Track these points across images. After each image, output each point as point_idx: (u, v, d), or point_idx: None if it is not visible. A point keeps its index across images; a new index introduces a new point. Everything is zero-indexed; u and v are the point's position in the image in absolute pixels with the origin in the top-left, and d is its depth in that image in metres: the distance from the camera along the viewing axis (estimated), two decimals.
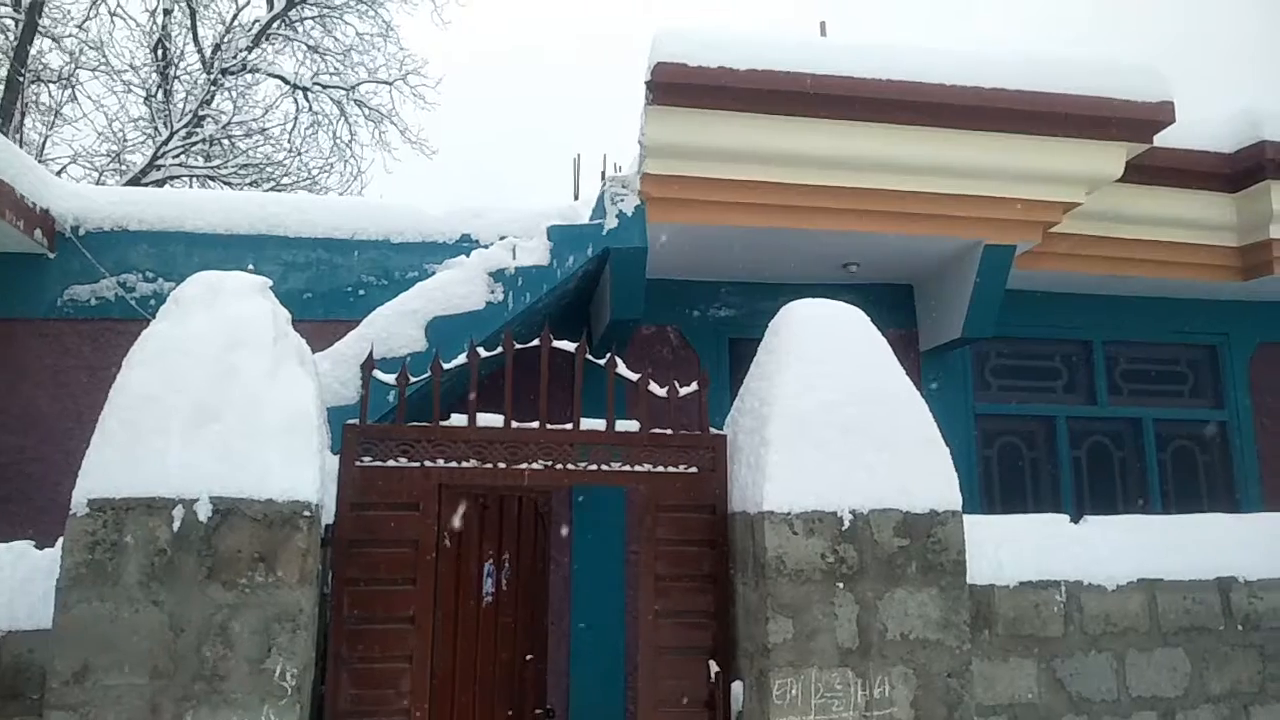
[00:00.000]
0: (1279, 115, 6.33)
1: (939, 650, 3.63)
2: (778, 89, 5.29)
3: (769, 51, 5.32)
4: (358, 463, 3.73)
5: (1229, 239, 6.68)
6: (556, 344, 3.98)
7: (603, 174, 6.70)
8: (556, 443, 3.90)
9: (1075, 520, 4.45)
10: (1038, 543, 4.21)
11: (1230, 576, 4.25)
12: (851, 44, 5.58)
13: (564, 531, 5.99)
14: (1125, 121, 5.62)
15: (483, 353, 3.94)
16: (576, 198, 7.99)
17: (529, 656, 4.23)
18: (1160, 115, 5.62)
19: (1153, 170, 6.18)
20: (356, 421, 3.81)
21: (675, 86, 5.24)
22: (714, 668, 3.79)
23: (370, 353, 4.00)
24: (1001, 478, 7.06)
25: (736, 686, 3.74)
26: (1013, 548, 4.14)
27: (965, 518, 3.86)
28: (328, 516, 3.61)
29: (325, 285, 6.68)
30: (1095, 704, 3.99)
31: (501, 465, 3.83)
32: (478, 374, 3.92)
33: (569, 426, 3.94)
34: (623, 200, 5.65)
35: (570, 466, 3.91)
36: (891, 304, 6.94)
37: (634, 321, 6.11)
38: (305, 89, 16.33)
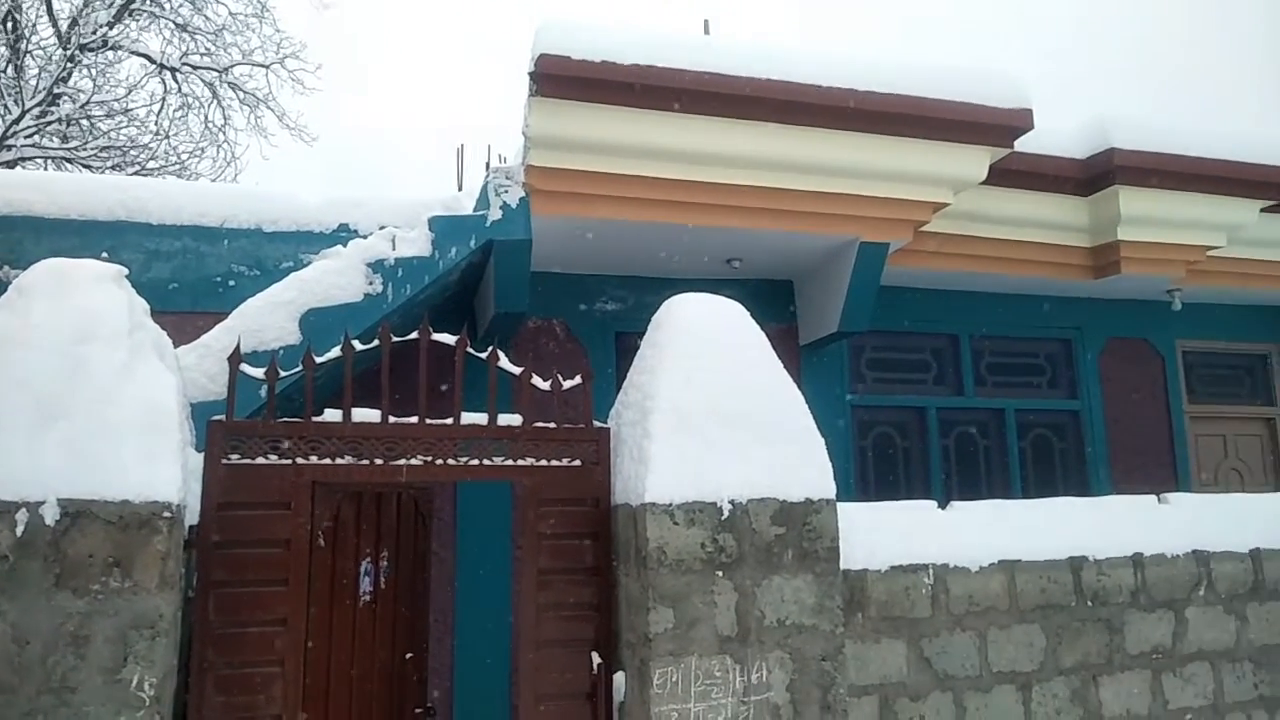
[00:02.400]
0: (1127, 124, 6.77)
1: (814, 635, 3.74)
2: (660, 85, 5.33)
3: (652, 47, 5.36)
4: (224, 461, 3.57)
5: (1082, 240, 7.12)
6: (436, 337, 3.91)
7: (487, 165, 6.61)
8: (436, 438, 3.82)
9: (943, 506, 4.66)
10: (908, 528, 4.38)
11: (1081, 556, 4.52)
12: (734, 43, 5.69)
13: (447, 527, 5.89)
14: (988, 126, 5.91)
15: (358, 345, 3.83)
16: (460, 188, 7.87)
17: (409, 655, 4.14)
18: (1019, 121, 5.93)
19: (1014, 174, 6.52)
20: (222, 418, 3.64)
21: (558, 79, 5.21)
22: (596, 659, 3.80)
23: (238, 345, 3.83)
24: (876, 466, 7.33)
25: (618, 677, 3.76)
26: (885, 533, 4.29)
27: (840, 505, 3.99)
28: (192, 517, 3.45)
29: (192, 275, 6.37)
30: (959, 680, 4.19)
31: (378, 461, 3.73)
32: (352, 368, 3.81)
33: (449, 421, 3.87)
34: (507, 191, 5.59)
35: (451, 462, 3.84)
36: (773, 299, 7.11)
37: (519, 315, 6.06)
38: (173, 69, 15.49)
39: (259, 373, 3.75)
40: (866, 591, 4.12)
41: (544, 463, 3.95)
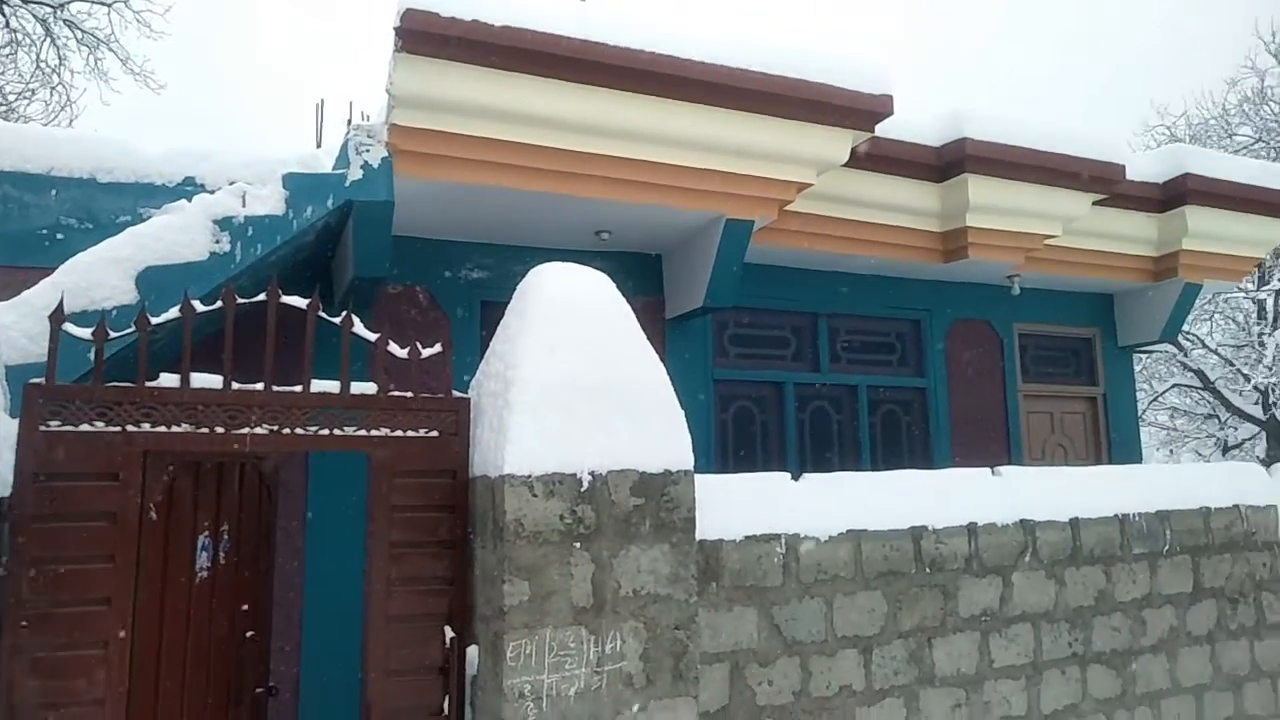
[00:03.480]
0: (977, 115, 7.11)
1: (668, 604, 3.80)
2: (532, 48, 5.22)
3: (525, 10, 5.23)
4: (43, 427, 3.29)
5: (934, 225, 7.45)
6: (286, 299, 3.72)
7: (349, 122, 6.32)
8: (283, 406, 3.65)
9: (796, 478, 4.81)
10: (762, 499, 4.51)
11: (922, 525, 4.77)
12: (609, 12, 5.61)
13: (296, 499, 5.67)
14: (851, 110, 6.08)
15: (199, 306, 3.60)
16: (319, 146, 7.51)
17: (250, 633, 3.97)
18: (880, 107, 6.13)
19: (874, 158, 6.74)
20: (41, 380, 3.36)
21: (425, 35, 5.02)
22: (449, 633, 3.74)
23: (60, 302, 3.54)
24: (735, 439, 7.51)
25: (472, 651, 3.72)
26: (740, 504, 4.40)
27: (699, 477, 4.06)
28: (4, 488, 3.17)
29: (13, 226, 5.85)
30: (806, 645, 4.35)
31: (219, 430, 3.53)
32: (193, 330, 3.58)
33: (298, 388, 3.70)
34: (368, 151, 5.37)
35: (299, 431, 3.67)
36: (641, 272, 7.13)
37: (379, 280, 5.86)
38: (0, 2, 14.10)
39: (86, 333, 3.48)
40: (721, 561, 4.21)
41: (400, 433, 3.84)
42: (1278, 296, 18.06)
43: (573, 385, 3.83)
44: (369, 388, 3.86)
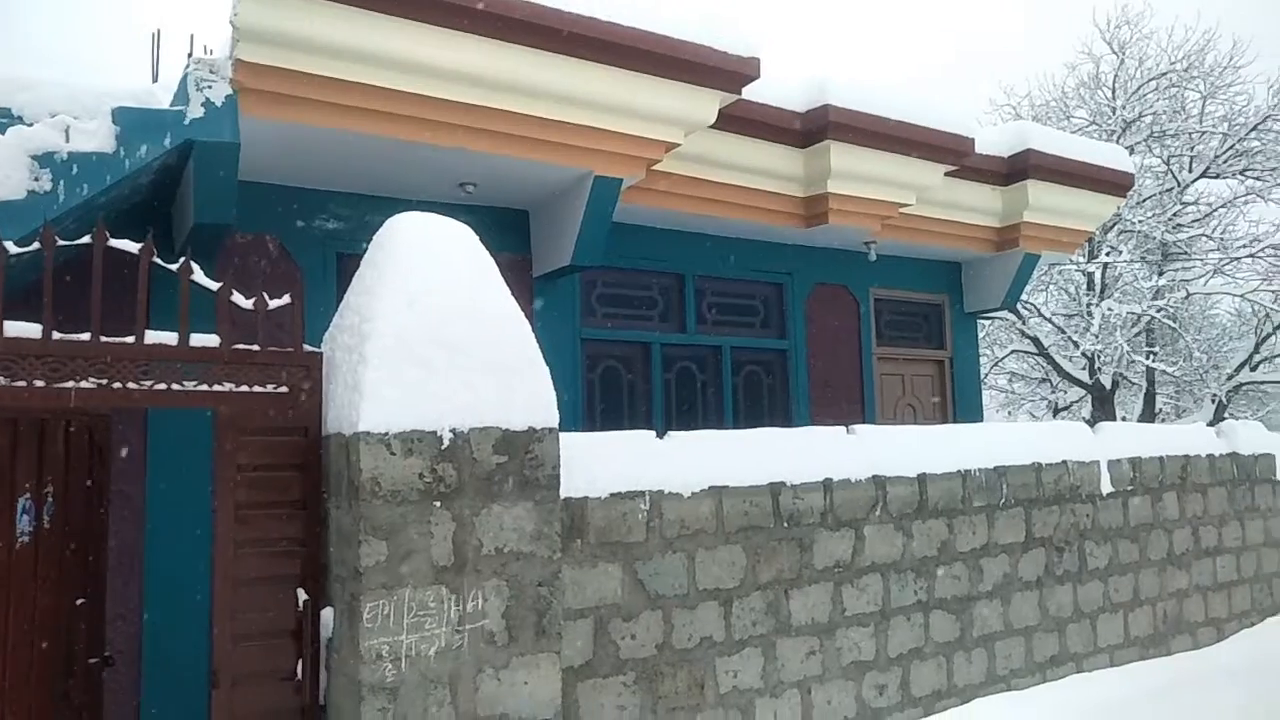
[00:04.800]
0: (840, 82, 7.27)
1: (531, 561, 3.76)
2: None
3: None
4: None
5: (797, 189, 7.61)
6: (115, 243, 3.42)
7: (189, 55, 5.85)
8: (114, 358, 3.37)
9: (661, 436, 4.85)
10: (627, 457, 4.51)
11: (780, 481, 4.90)
12: None
13: (134, 459, 5.30)
14: (719, 70, 6.10)
15: (12, 248, 3.26)
16: (155, 80, 6.95)
17: (80, 601, 3.68)
18: (748, 69, 6.18)
19: (740, 121, 6.81)
20: None
21: None
22: (302, 596, 3.59)
23: None
24: (603, 398, 7.51)
25: (326, 613, 3.59)
26: (606, 462, 4.40)
27: (565, 435, 4.02)
28: None
29: None
30: (669, 599, 4.42)
31: (39, 384, 3.22)
32: (5, 274, 3.24)
33: (130, 340, 3.42)
34: (211, 87, 4.99)
35: (132, 385, 3.40)
36: (508, 228, 6.98)
37: (224, 227, 5.50)
38: None
39: None
40: (586, 518, 4.20)
41: (246, 389, 3.62)
42: (1105, 269, 19.52)
43: (432, 339, 3.70)
44: (211, 340, 3.61)
